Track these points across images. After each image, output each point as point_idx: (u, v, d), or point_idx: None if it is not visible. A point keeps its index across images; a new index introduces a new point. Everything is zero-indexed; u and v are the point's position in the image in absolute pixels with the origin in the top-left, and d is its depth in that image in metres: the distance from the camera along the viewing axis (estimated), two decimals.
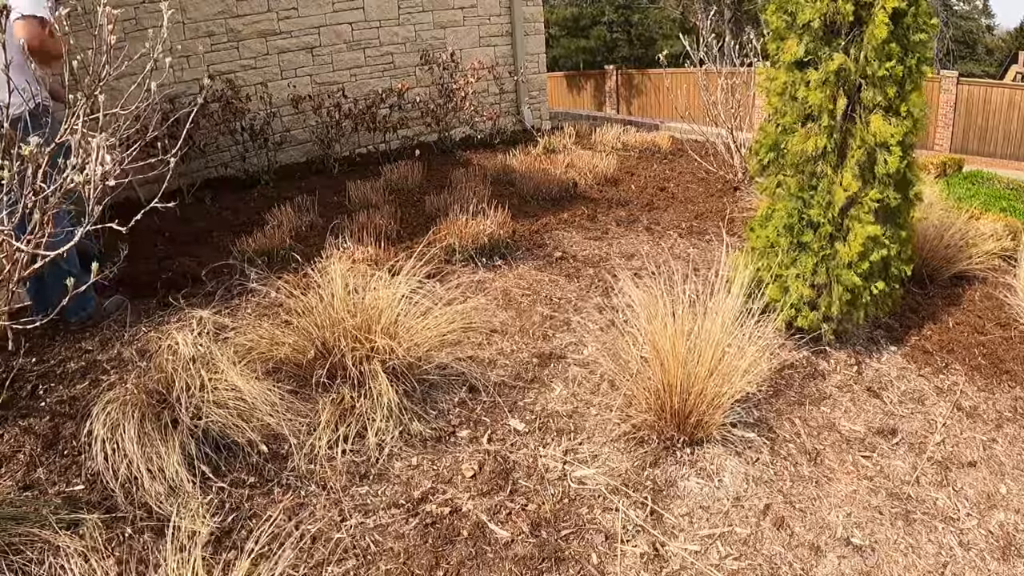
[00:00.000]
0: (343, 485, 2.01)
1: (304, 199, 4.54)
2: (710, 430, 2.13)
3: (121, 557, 1.68)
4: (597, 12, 23.85)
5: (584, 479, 2.05)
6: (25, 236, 1.87)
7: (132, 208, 2.20)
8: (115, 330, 2.84)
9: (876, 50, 2.36)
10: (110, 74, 1.99)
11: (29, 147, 1.71)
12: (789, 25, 2.56)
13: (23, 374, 2.49)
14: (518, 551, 1.79)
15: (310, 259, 3.23)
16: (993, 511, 2.00)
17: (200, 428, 2.02)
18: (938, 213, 3.47)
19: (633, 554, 1.80)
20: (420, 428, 2.24)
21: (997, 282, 3.33)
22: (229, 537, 1.80)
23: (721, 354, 2.08)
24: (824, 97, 2.44)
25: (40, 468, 2.02)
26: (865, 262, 2.53)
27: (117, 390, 2.11)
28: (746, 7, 22.80)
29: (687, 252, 3.77)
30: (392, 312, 2.36)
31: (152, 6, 4.93)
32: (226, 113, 5.19)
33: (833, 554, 1.83)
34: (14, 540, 1.65)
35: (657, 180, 5.30)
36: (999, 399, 2.53)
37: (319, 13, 5.90)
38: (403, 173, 5.09)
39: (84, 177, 1.78)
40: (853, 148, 2.48)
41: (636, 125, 8.06)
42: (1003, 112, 13.09)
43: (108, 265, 2.17)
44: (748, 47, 5.49)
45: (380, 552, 1.79)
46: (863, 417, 2.39)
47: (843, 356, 2.71)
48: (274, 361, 2.33)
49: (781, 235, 2.66)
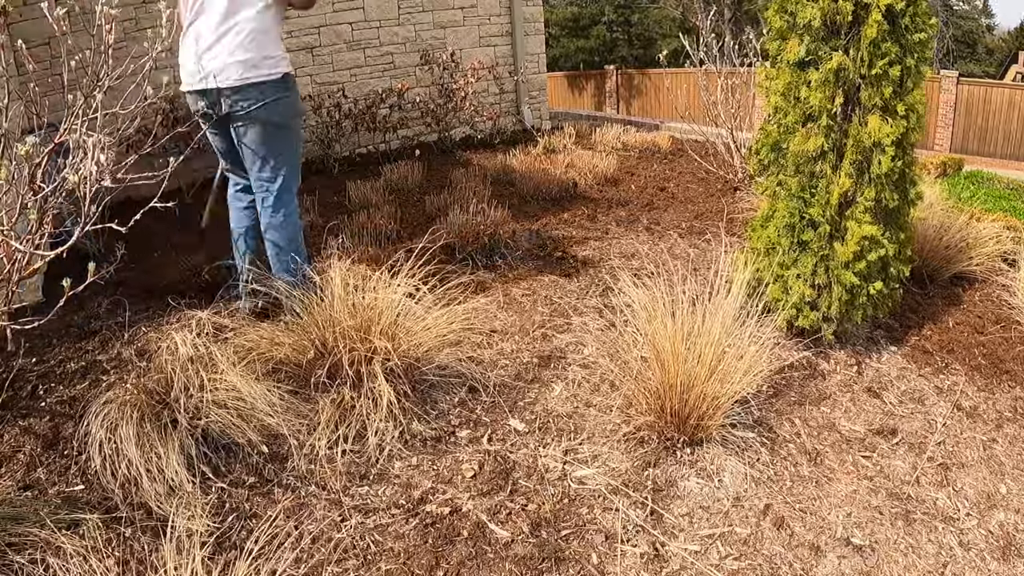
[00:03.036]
0: (343, 485, 2.01)
1: (304, 199, 4.53)
2: (710, 430, 2.13)
3: (121, 557, 1.68)
4: (597, 12, 23.84)
5: (584, 479, 2.05)
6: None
7: (132, 208, 2.19)
8: (115, 330, 2.83)
9: (871, 49, 2.36)
10: (109, 74, 1.99)
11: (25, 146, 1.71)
12: (790, 25, 2.56)
13: (23, 374, 2.49)
14: (518, 551, 1.79)
15: (310, 259, 3.23)
16: (993, 511, 2.00)
17: (200, 428, 2.01)
18: (938, 213, 3.47)
19: (633, 554, 1.80)
20: (420, 428, 2.24)
21: (997, 283, 3.33)
22: (229, 537, 1.80)
23: (721, 354, 2.08)
24: (824, 97, 2.44)
25: (40, 468, 2.01)
26: (862, 262, 2.53)
27: (117, 390, 2.11)
28: (746, 7, 22.81)
29: (687, 252, 3.77)
30: (392, 312, 2.36)
31: (152, 6, 4.93)
32: None
33: (833, 554, 1.83)
34: (14, 540, 1.65)
35: (657, 180, 5.29)
36: (999, 399, 2.52)
37: (319, 13, 5.89)
38: (403, 173, 5.09)
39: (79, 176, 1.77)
40: (849, 148, 2.48)
41: (636, 125, 8.06)
42: (1003, 112, 13.08)
43: (105, 265, 2.16)
44: (748, 47, 5.48)
45: (380, 552, 1.79)
46: (863, 417, 2.39)
47: (843, 356, 2.71)
48: (274, 362, 2.33)
49: (782, 235, 2.66)
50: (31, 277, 2.33)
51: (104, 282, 3.06)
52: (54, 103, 2.84)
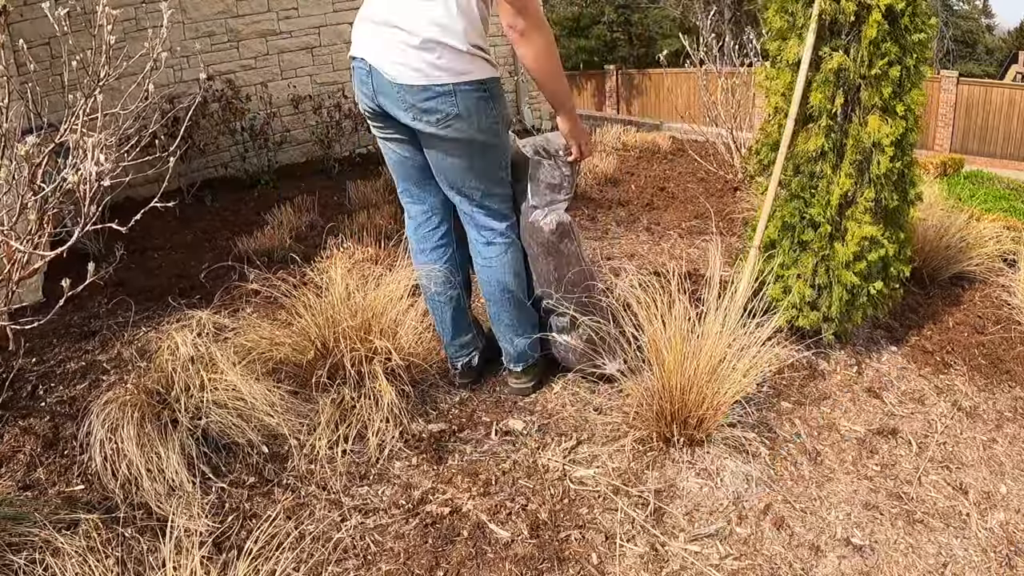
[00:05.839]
0: (343, 485, 2.01)
1: (304, 199, 4.55)
2: (710, 430, 2.13)
3: (120, 557, 1.68)
4: (597, 12, 23.84)
5: (584, 479, 2.05)
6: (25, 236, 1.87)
7: (132, 208, 2.20)
8: (115, 330, 2.84)
9: (871, 50, 2.36)
10: (109, 74, 1.99)
11: (25, 146, 1.71)
12: (790, 25, 2.56)
13: (23, 374, 2.49)
14: (518, 551, 1.79)
15: (310, 259, 3.23)
16: (993, 511, 2.00)
17: (200, 428, 2.02)
18: (938, 213, 3.47)
19: (633, 554, 1.80)
20: (420, 428, 2.24)
21: (997, 283, 3.33)
22: (229, 537, 1.80)
23: (721, 354, 2.08)
24: (824, 97, 2.44)
25: (40, 468, 2.01)
26: (862, 262, 2.53)
27: (117, 390, 2.10)
28: (746, 7, 22.79)
29: (687, 252, 3.77)
30: (392, 312, 2.36)
31: (152, 6, 4.94)
32: (226, 113, 5.20)
33: (833, 554, 1.83)
34: (14, 540, 1.65)
35: (657, 180, 5.30)
36: (999, 399, 2.53)
37: (319, 13, 5.90)
38: None
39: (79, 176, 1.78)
40: (849, 148, 2.48)
41: (636, 125, 8.06)
42: (1003, 112, 13.09)
43: (105, 265, 2.16)
44: (748, 47, 5.49)
45: (380, 552, 1.79)
46: (863, 417, 2.39)
47: (843, 356, 2.71)
48: (274, 362, 2.33)
49: (782, 235, 2.66)
50: (31, 277, 2.33)
51: (104, 282, 3.06)
52: (54, 103, 2.85)
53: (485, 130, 2.11)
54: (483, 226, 2.27)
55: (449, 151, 2.13)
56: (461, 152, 2.13)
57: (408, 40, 1.99)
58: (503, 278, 2.28)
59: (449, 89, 2.01)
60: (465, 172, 2.17)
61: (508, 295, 2.30)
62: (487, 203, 2.25)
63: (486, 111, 2.10)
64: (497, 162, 2.23)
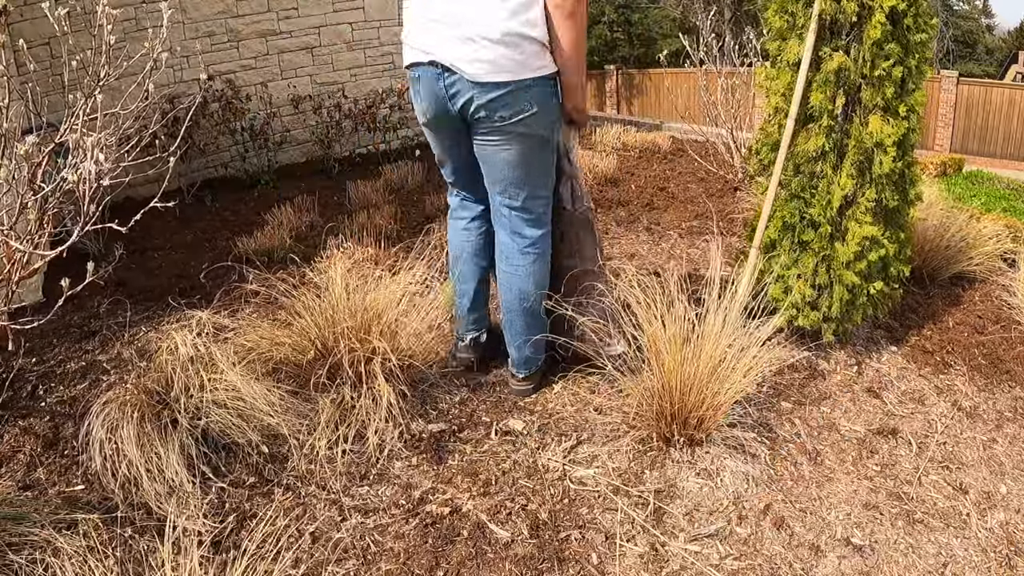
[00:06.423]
0: (343, 485, 2.01)
1: (304, 199, 4.55)
2: (710, 430, 2.13)
3: (120, 557, 1.68)
4: (597, 12, 23.83)
5: (584, 479, 2.05)
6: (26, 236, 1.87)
7: (132, 208, 2.20)
8: (115, 330, 2.84)
9: (874, 50, 2.36)
10: (109, 74, 1.99)
11: (25, 146, 1.71)
12: (791, 25, 2.56)
13: (23, 374, 2.49)
14: (518, 551, 1.79)
15: (310, 259, 3.23)
16: (993, 511, 2.00)
17: (200, 428, 2.01)
18: (938, 213, 3.47)
19: (633, 554, 1.80)
20: (420, 428, 2.24)
21: (997, 283, 3.33)
22: (228, 537, 1.80)
23: (721, 354, 2.08)
24: (824, 97, 2.44)
25: (40, 468, 2.01)
26: (862, 262, 2.53)
27: (117, 390, 2.10)
28: (746, 7, 22.81)
29: (687, 252, 3.77)
30: (392, 312, 2.36)
31: (152, 6, 4.94)
32: (226, 113, 5.20)
33: (833, 554, 1.83)
34: (14, 540, 1.65)
35: (657, 180, 5.29)
36: (999, 399, 2.53)
37: (319, 13, 5.90)
38: (403, 173, 5.09)
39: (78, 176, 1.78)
40: (850, 148, 2.48)
41: (636, 125, 8.06)
42: (1003, 112, 13.09)
43: (105, 265, 2.16)
44: (748, 47, 5.48)
45: (380, 552, 1.79)
46: (863, 417, 2.39)
47: (843, 356, 2.71)
48: (274, 362, 2.33)
49: (782, 235, 2.66)
50: (31, 277, 2.33)
51: (104, 282, 3.06)
52: (54, 103, 2.85)
53: (547, 125, 2.09)
54: (519, 232, 2.25)
55: (510, 146, 2.08)
56: (521, 147, 2.09)
57: (486, 34, 1.92)
58: (525, 287, 2.27)
59: (528, 83, 1.98)
60: (518, 169, 2.13)
61: (526, 304, 2.30)
62: (529, 205, 2.22)
63: (554, 106, 2.07)
64: (550, 161, 2.21)
